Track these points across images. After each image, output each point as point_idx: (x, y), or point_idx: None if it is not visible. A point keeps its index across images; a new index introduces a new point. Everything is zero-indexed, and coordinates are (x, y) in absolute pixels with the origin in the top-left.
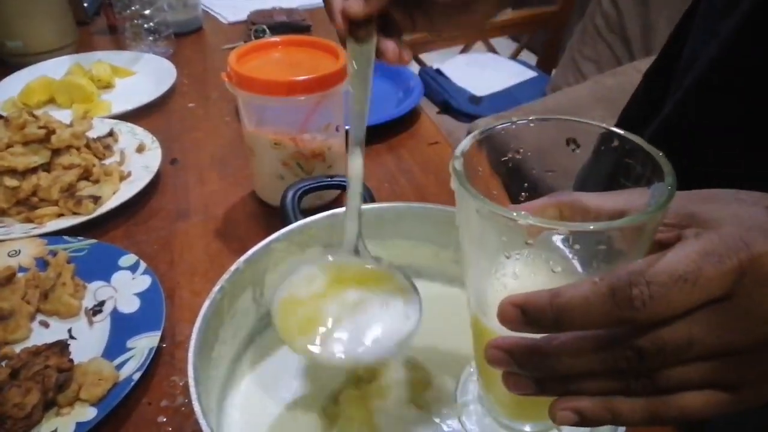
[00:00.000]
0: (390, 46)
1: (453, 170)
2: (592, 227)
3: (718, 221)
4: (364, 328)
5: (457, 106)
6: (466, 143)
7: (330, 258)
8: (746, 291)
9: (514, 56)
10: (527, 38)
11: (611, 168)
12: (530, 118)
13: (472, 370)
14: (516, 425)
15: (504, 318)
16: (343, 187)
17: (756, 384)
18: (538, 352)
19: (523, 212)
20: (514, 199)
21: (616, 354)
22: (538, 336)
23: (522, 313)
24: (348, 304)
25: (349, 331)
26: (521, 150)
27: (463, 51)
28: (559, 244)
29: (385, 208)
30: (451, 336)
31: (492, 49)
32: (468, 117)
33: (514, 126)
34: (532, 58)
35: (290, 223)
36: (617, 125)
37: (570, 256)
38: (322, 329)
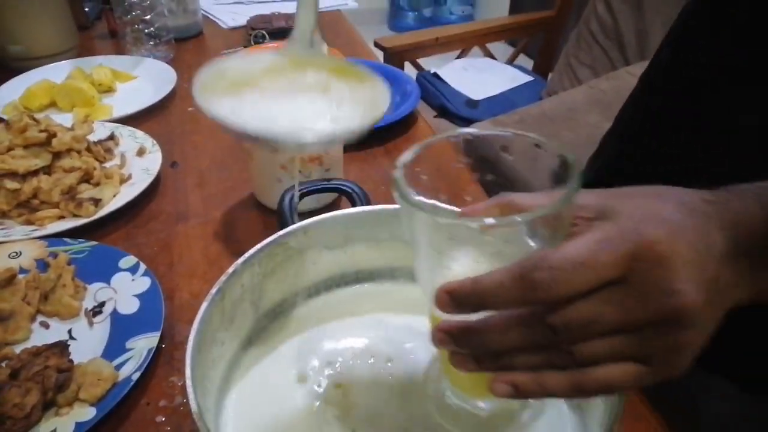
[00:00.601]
0: None
1: (393, 179)
2: (495, 221)
3: (620, 213)
4: (312, 106)
5: (454, 110)
6: (407, 156)
7: (283, 50)
8: (639, 274)
9: (510, 61)
10: (524, 43)
11: (540, 170)
12: (467, 131)
13: (435, 359)
14: (472, 402)
15: (438, 303)
16: (340, 191)
17: (665, 356)
18: (471, 332)
19: (444, 212)
20: (461, 203)
21: (534, 330)
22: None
23: (451, 298)
24: (299, 81)
25: (290, 105)
26: (462, 160)
27: (460, 55)
28: (490, 238)
29: (382, 211)
30: None
31: (489, 54)
32: (465, 121)
33: (453, 139)
34: (528, 63)
35: (288, 225)
36: (613, 128)
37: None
38: (252, 95)
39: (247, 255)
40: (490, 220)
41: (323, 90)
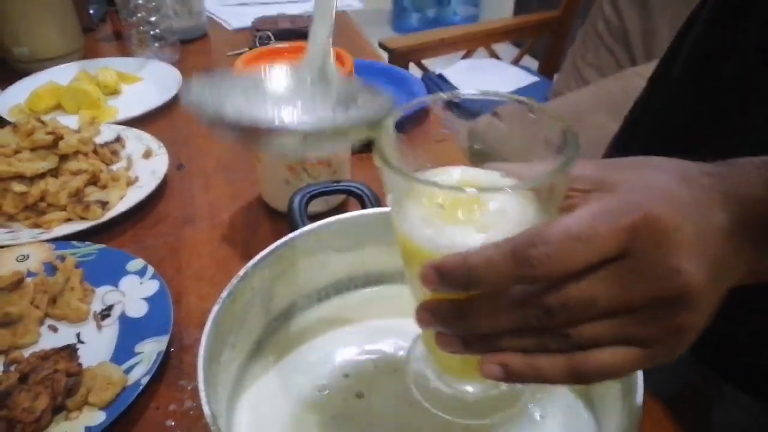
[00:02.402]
0: None
1: (376, 145)
2: (489, 191)
3: (619, 185)
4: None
5: None
6: (390, 121)
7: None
8: (640, 249)
9: (515, 61)
10: (529, 44)
11: (533, 138)
12: (456, 93)
13: (419, 337)
14: (459, 386)
15: (424, 279)
16: (350, 192)
17: (665, 339)
18: (458, 311)
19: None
20: None
21: (527, 311)
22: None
23: (438, 274)
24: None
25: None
26: (449, 127)
27: (465, 56)
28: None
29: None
30: None
31: (494, 55)
32: None
33: (440, 102)
34: (533, 64)
35: (297, 227)
36: (622, 129)
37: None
38: (258, 100)
39: (257, 258)
40: (472, 190)
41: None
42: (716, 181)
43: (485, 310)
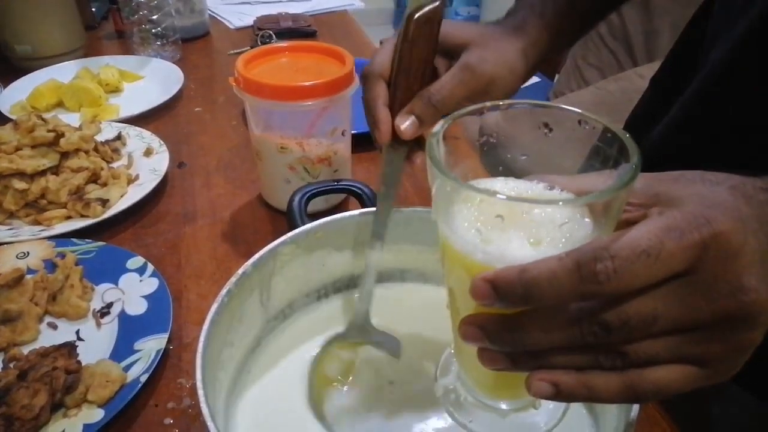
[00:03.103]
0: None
1: (428, 151)
2: (561, 203)
3: (682, 199)
4: None
5: None
6: (439, 126)
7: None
8: (708, 266)
9: None
10: None
11: (583, 149)
12: (501, 102)
13: (451, 351)
14: (493, 403)
15: (476, 293)
16: (350, 192)
17: (725, 358)
18: (509, 327)
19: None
20: None
21: (583, 329)
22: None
23: (493, 288)
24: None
25: None
26: (495, 134)
27: None
28: (536, 221)
29: (392, 212)
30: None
31: None
32: None
33: (486, 111)
34: None
35: (297, 226)
36: (625, 129)
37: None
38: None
39: (256, 256)
40: (542, 201)
41: None
42: None
43: (539, 326)
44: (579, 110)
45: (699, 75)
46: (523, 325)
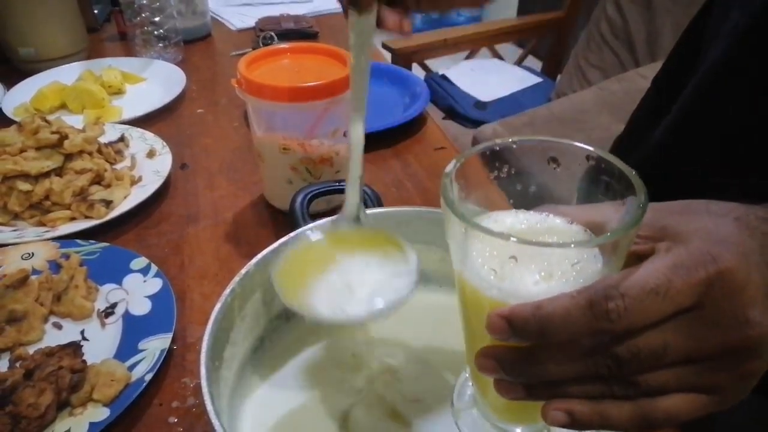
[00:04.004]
0: (390, 15)
1: (442, 192)
2: (573, 245)
3: (688, 235)
4: (358, 287)
5: (463, 111)
6: (451, 166)
7: (331, 226)
8: (713, 301)
9: (519, 62)
10: (532, 44)
11: (590, 184)
12: (512, 139)
13: (467, 375)
14: (509, 427)
15: (492, 329)
16: None
17: (732, 386)
18: (524, 360)
19: (507, 233)
20: None
21: (596, 361)
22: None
23: (508, 324)
24: (345, 266)
25: (343, 290)
26: (505, 169)
27: (468, 57)
28: (547, 258)
29: (393, 213)
30: (458, 341)
31: (497, 55)
32: (473, 122)
33: (498, 147)
34: (537, 64)
35: (300, 226)
36: (626, 131)
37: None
38: (316, 288)
39: (259, 256)
40: (545, 243)
41: (370, 263)
42: None
43: (553, 359)
44: (588, 146)
45: (697, 73)
46: (538, 358)
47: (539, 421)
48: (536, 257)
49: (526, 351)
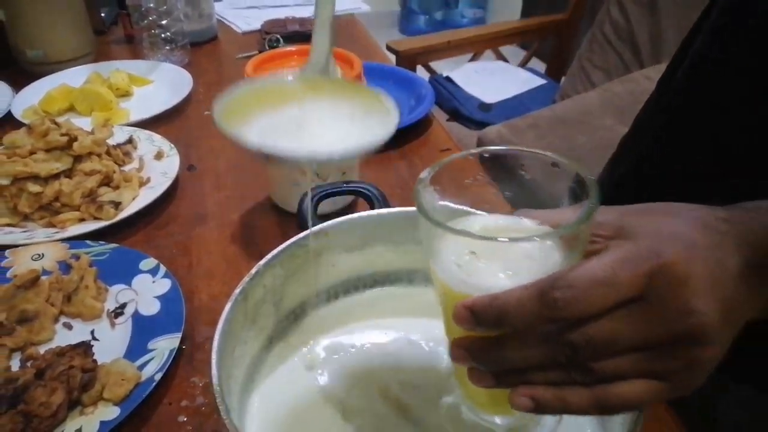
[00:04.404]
0: None
1: (414, 197)
2: (525, 240)
3: (639, 233)
4: (312, 127)
5: (467, 113)
6: (426, 173)
7: (300, 74)
8: (657, 293)
9: (523, 64)
10: (536, 46)
11: (558, 188)
12: (484, 149)
13: (451, 372)
14: (489, 418)
15: (457, 318)
16: (359, 193)
17: (683, 373)
18: (490, 349)
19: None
20: None
21: (554, 348)
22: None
23: (471, 313)
24: (307, 107)
25: (289, 126)
26: (479, 177)
27: (472, 59)
28: (509, 254)
29: (400, 213)
30: None
31: (501, 57)
32: (477, 124)
33: (470, 157)
34: (541, 66)
35: (308, 227)
36: (630, 133)
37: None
38: (269, 120)
39: (269, 256)
40: (504, 239)
41: (339, 111)
42: (731, 227)
43: (514, 347)
44: (551, 154)
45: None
46: (501, 347)
47: (515, 412)
48: (497, 252)
49: (491, 340)
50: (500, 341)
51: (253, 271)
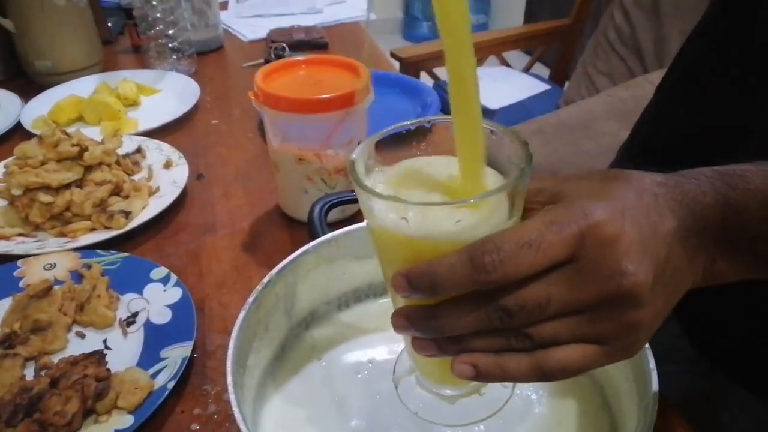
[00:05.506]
0: None
1: (348, 169)
2: (456, 204)
3: (571, 196)
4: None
5: None
6: (359, 151)
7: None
8: (587, 254)
9: (526, 69)
10: (539, 52)
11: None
12: (421, 120)
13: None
14: (439, 389)
15: (395, 286)
16: None
17: (619, 336)
18: (428, 316)
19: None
20: None
21: (489, 314)
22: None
23: (407, 280)
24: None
25: None
26: (423, 146)
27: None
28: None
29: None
30: None
31: (505, 63)
32: None
33: (413, 128)
34: (544, 72)
35: (318, 236)
36: (631, 137)
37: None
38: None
39: (281, 265)
40: (435, 203)
41: None
42: (668, 190)
43: (450, 313)
44: (488, 123)
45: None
46: (439, 314)
47: (466, 382)
48: (436, 223)
49: (429, 308)
50: (438, 309)
51: (266, 279)
